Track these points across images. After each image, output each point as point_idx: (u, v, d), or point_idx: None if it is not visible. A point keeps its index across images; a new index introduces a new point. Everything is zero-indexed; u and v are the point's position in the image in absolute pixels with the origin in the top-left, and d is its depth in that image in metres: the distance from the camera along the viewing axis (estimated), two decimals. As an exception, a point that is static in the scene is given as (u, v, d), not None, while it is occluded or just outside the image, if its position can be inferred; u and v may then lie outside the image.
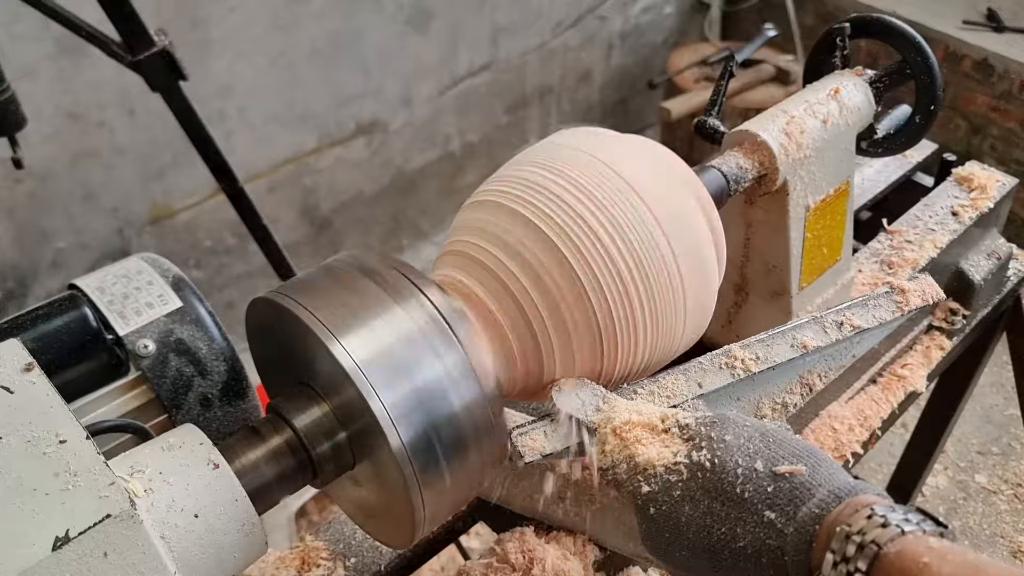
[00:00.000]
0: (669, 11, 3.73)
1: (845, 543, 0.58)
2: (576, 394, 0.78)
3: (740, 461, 0.65)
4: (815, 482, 0.63)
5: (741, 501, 0.64)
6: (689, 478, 0.67)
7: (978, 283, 1.47)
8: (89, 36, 1.50)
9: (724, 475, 0.65)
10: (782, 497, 0.63)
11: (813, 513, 0.61)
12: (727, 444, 0.67)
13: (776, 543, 0.62)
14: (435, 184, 3.27)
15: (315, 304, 0.68)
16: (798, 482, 0.63)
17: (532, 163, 0.81)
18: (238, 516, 0.65)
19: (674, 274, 0.79)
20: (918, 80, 1.11)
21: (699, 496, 0.66)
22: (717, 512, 0.65)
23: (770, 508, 0.63)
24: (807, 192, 1.08)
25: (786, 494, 0.63)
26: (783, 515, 0.62)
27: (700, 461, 0.67)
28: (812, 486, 0.63)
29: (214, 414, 0.86)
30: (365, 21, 2.70)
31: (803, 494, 0.62)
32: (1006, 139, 3.13)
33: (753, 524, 0.63)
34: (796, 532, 0.61)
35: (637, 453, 0.71)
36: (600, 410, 0.77)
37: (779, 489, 0.63)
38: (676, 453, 0.69)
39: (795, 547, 0.61)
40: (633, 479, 0.70)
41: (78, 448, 0.58)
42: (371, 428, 0.66)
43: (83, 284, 0.87)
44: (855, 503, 0.61)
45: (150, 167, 2.44)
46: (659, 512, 0.67)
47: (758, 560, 0.63)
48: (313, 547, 1.04)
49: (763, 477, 0.64)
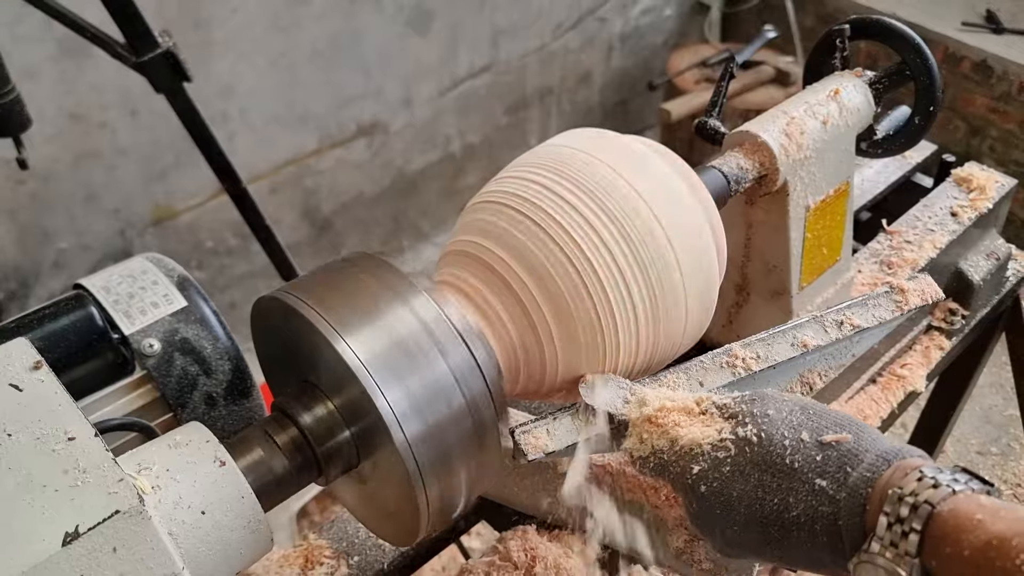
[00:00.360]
0: (669, 13, 3.73)
1: (898, 505, 0.59)
2: (604, 389, 0.79)
3: (786, 433, 0.67)
4: (861, 448, 0.64)
5: (792, 471, 0.65)
6: (737, 454, 0.68)
7: (977, 283, 1.47)
8: (94, 38, 1.51)
9: (772, 447, 0.67)
10: (831, 464, 0.64)
11: (864, 477, 0.62)
12: (771, 418, 0.69)
13: (829, 509, 0.63)
14: (436, 185, 3.28)
15: (320, 303, 0.69)
16: (845, 449, 0.65)
17: (535, 165, 0.82)
18: (244, 513, 0.65)
19: (675, 274, 0.80)
20: (917, 81, 1.12)
21: (749, 470, 0.67)
22: (768, 484, 0.66)
23: (820, 476, 0.64)
24: (807, 192, 1.09)
25: (835, 461, 0.64)
26: (834, 482, 0.63)
27: (747, 436, 0.68)
28: (859, 452, 0.64)
29: (219, 413, 0.87)
30: (365, 22, 2.70)
31: (851, 460, 0.64)
32: (1005, 140, 3.14)
33: (805, 493, 0.64)
34: (848, 497, 0.62)
35: (679, 436, 0.72)
36: (628, 402, 0.78)
37: (827, 457, 0.65)
38: (720, 431, 0.70)
39: (848, 511, 0.62)
40: (680, 461, 0.71)
41: (87, 445, 0.59)
42: (376, 426, 0.66)
43: (89, 284, 0.87)
44: (904, 466, 0.62)
45: (152, 168, 2.44)
46: (710, 489, 0.68)
47: (811, 528, 0.64)
48: (316, 545, 1.04)
49: (810, 447, 0.66)
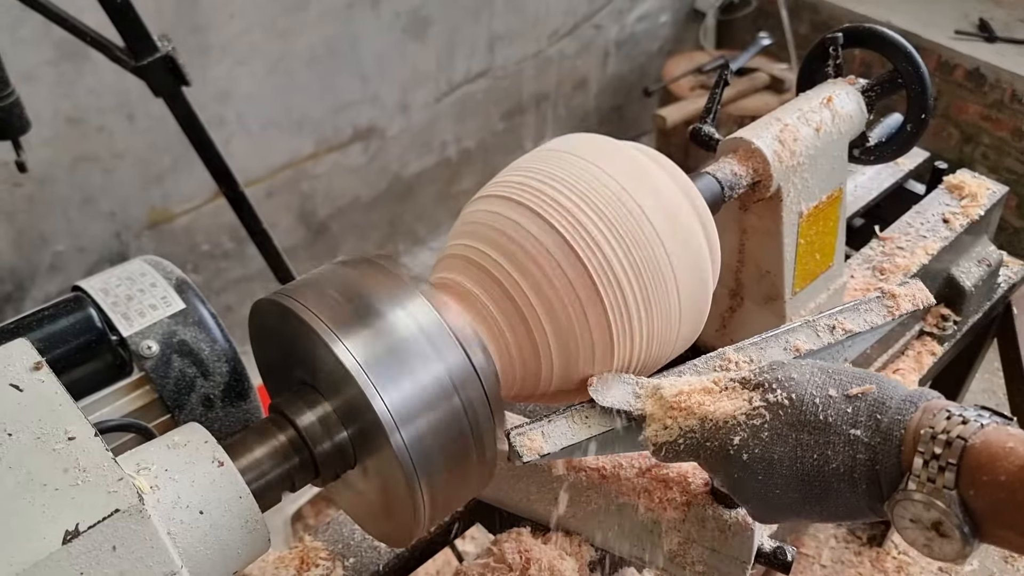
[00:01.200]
0: (664, 20, 3.75)
1: (932, 443, 0.62)
2: (614, 387, 0.81)
3: (814, 392, 0.70)
4: (886, 395, 0.68)
5: (827, 426, 0.68)
6: (772, 418, 0.70)
7: (968, 289, 1.48)
8: (93, 42, 1.52)
9: (804, 407, 0.69)
10: (862, 414, 0.67)
11: (895, 420, 0.66)
12: (796, 381, 0.71)
13: (866, 456, 0.66)
14: (432, 190, 3.28)
15: (318, 305, 0.69)
16: (872, 399, 0.68)
17: (529, 168, 0.83)
18: (242, 513, 0.66)
19: (670, 278, 0.81)
20: (909, 89, 1.13)
21: (786, 432, 0.70)
22: (806, 442, 0.68)
23: (854, 426, 0.67)
24: (800, 199, 1.10)
25: (865, 411, 0.67)
26: (867, 429, 0.67)
27: (779, 400, 0.71)
28: (885, 399, 0.68)
29: (216, 414, 0.88)
30: (362, 28, 2.71)
31: (880, 407, 0.67)
32: (998, 148, 3.16)
33: (843, 444, 0.67)
34: (884, 441, 0.66)
35: (709, 412, 0.74)
36: (639, 396, 0.80)
37: (857, 408, 0.68)
38: (751, 400, 0.73)
39: (885, 455, 0.65)
40: (717, 435, 0.73)
41: (87, 444, 0.59)
42: (373, 428, 0.67)
43: (87, 286, 0.88)
44: (931, 407, 0.66)
45: (149, 171, 2.45)
46: (752, 456, 0.71)
47: (851, 477, 0.67)
48: (312, 547, 1.05)
49: (839, 401, 0.69)
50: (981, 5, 3.36)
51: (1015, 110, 3.06)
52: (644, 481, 0.98)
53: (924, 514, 0.63)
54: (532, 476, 1.02)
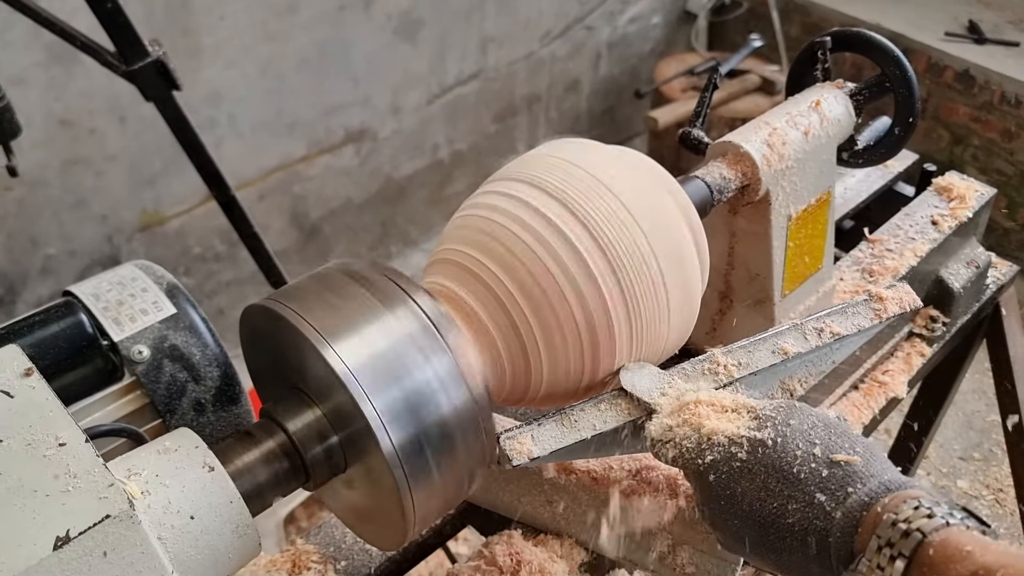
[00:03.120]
0: (656, 21, 3.76)
1: (890, 530, 0.61)
2: (644, 377, 0.82)
3: (800, 444, 0.69)
4: (868, 473, 0.66)
5: (795, 480, 0.67)
6: (750, 451, 0.71)
7: (957, 291, 1.49)
8: (84, 46, 1.52)
9: (783, 454, 0.69)
10: (834, 482, 0.66)
11: (862, 501, 0.64)
12: (791, 427, 0.71)
13: (823, 524, 0.65)
14: (424, 192, 3.29)
15: (308, 310, 0.70)
16: (851, 471, 0.66)
17: (518, 174, 0.83)
18: (233, 518, 0.66)
19: (658, 283, 0.82)
20: (897, 93, 1.14)
21: (757, 470, 0.69)
22: (771, 488, 0.68)
23: (821, 491, 0.66)
24: (789, 202, 1.11)
25: (838, 480, 0.66)
26: (833, 499, 0.65)
27: (763, 438, 0.71)
28: (864, 476, 0.66)
29: (207, 419, 0.88)
30: (354, 31, 2.72)
31: (854, 482, 0.66)
32: (987, 149, 3.18)
33: (803, 503, 0.66)
34: (843, 516, 0.64)
35: (703, 424, 0.75)
36: (666, 394, 0.81)
37: (832, 475, 0.67)
38: (740, 428, 0.73)
39: (841, 530, 0.64)
40: (696, 448, 0.74)
41: (77, 450, 0.59)
42: (363, 432, 0.67)
43: (78, 291, 0.88)
44: (902, 495, 0.64)
45: (140, 174, 2.44)
46: (718, 480, 0.71)
47: (804, 538, 0.66)
48: (304, 550, 1.05)
49: (820, 462, 0.68)
50: (970, 7, 3.38)
51: (1004, 111, 3.07)
52: (634, 484, 0.98)
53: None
54: (523, 479, 1.03)
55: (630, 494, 0.98)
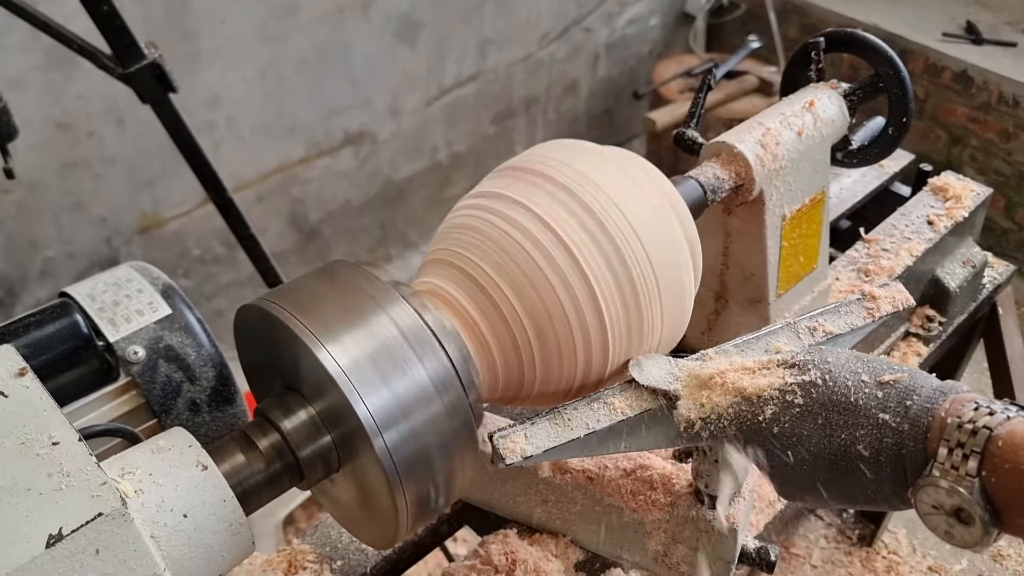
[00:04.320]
0: (654, 23, 3.76)
1: (958, 432, 0.65)
2: (653, 367, 0.83)
3: (847, 375, 0.72)
4: (917, 384, 0.70)
5: (856, 408, 0.70)
6: (804, 396, 0.73)
7: (953, 290, 1.50)
8: (80, 49, 1.52)
9: (836, 388, 0.72)
10: (892, 399, 0.69)
11: (924, 408, 0.68)
12: (831, 364, 0.74)
13: (893, 440, 0.68)
14: (423, 194, 3.29)
15: (302, 311, 0.70)
16: (902, 386, 0.70)
17: (512, 174, 0.84)
18: (226, 516, 0.67)
19: (651, 282, 0.82)
20: (890, 93, 1.14)
21: (816, 409, 0.72)
22: (835, 422, 0.71)
23: (883, 411, 0.69)
24: (783, 202, 1.11)
25: (895, 397, 0.69)
26: (896, 415, 0.68)
27: (812, 380, 0.73)
28: (916, 387, 0.69)
29: (202, 419, 0.88)
30: (353, 33, 2.72)
31: (910, 395, 0.69)
32: (985, 149, 3.18)
33: (870, 427, 0.69)
34: (911, 427, 0.67)
35: (746, 387, 0.76)
36: (678, 377, 0.82)
37: (888, 394, 0.70)
38: (784, 377, 0.75)
39: (912, 440, 0.67)
40: (751, 409, 0.75)
41: (71, 449, 0.60)
42: (356, 432, 0.68)
43: (74, 292, 0.88)
44: (960, 399, 0.68)
45: (139, 177, 2.45)
46: (782, 430, 0.73)
47: (876, 460, 0.69)
48: (300, 550, 1.05)
49: (871, 386, 0.71)
50: (968, 8, 3.38)
51: (1002, 112, 3.07)
52: (629, 482, 0.98)
53: (946, 500, 0.65)
54: (518, 478, 1.03)
55: (626, 493, 0.98)
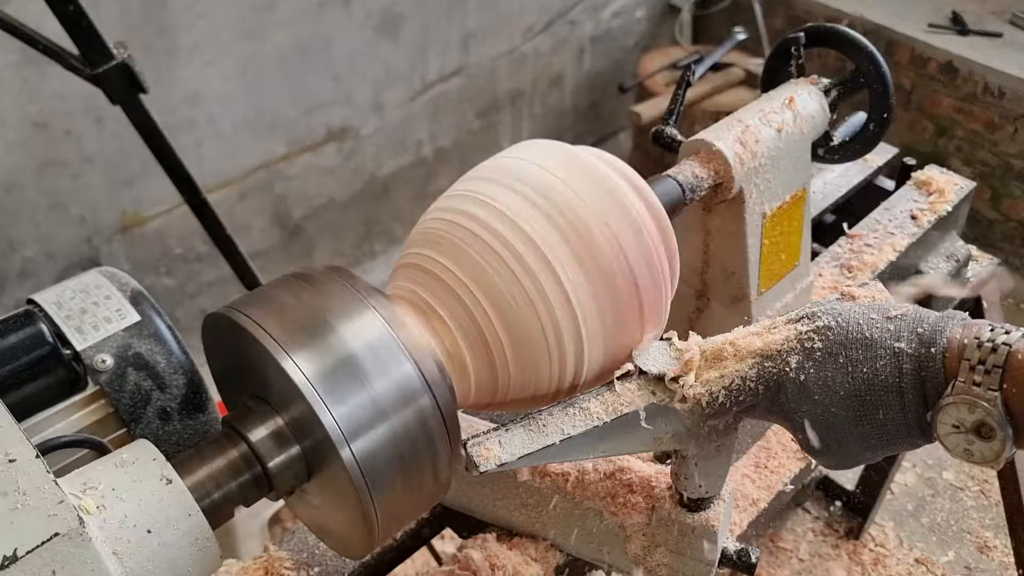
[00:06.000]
0: (640, 15, 3.75)
1: (978, 350, 0.68)
2: (653, 353, 0.84)
3: (857, 315, 0.76)
4: (922, 314, 0.74)
5: (872, 342, 0.73)
6: (822, 340, 0.75)
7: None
8: (47, 50, 1.50)
9: (849, 327, 0.75)
10: (905, 328, 0.73)
11: (936, 330, 0.71)
12: (839, 309, 0.77)
13: (911, 366, 0.71)
14: (408, 189, 3.27)
15: (267, 319, 0.69)
16: (910, 318, 0.73)
17: (483, 178, 0.83)
18: (191, 531, 0.65)
19: (626, 282, 0.81)
20: (871, 89, 1.13)
21: (836, 350, 0.74)
22: (855, 357, 0.73)
23: (897, 340, 0.72)
24: (763, 200, 1.10)
25: (906, 326, 0.73)
26: (910, 342, 0.72)
27: (827, 324, 0.76)
28: (923, 316, 0.73)
29: (173, 427, 0.86)
30: (334, 28, 2.69)
31: (919, 322, 0.73)
32: (971, 141, 3.18)
33: (889, 356, 0.72)
34: (927, 351, 0.71)
35: (761, 347, 0.78)
36: (676, 358, 0.82)
37: (899, 326, 0.73)
38: (798, 328, 0.77)
39: (929, 362, 0.70)
40: (775, 364, 0.77)
41: (27, 467, 0.58)
42: (323, 442, 0.66)
43: (41, 299, 0.87)
44: (971, 323, 0.72)
45: (119, 175, 2.42)
46: (808, 377, 0.75)
47: (899, 387, 0.72)
48: (277, 557, 1.04)
49: (881, 321, 0.74)
50: (953, -2, 3.39)
51: (988, 103, 3.07)
52: (608, 485, 0.97)
53: (968, 417, 0.68)
54: (497, 482, 1.02)
55: (606, 496, 0.97)
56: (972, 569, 2.28)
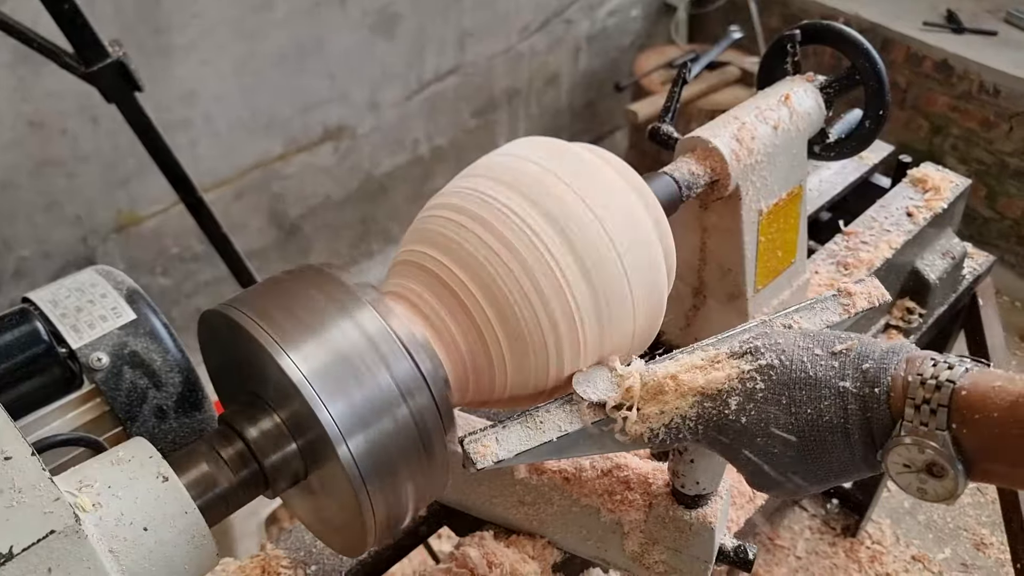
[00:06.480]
0: (635, 14, 3.75)
1: (921, 389, 0.66)
2: (596, 379, 0.81)
3: (801, 352, 0.73)
4: (868, 349, 0.71)
5: (816, 381, 0.71)
6: (764, 379, 0.73)
7: (933, 282, 1.49)
8: (41, 48, 1.49)
9: (792, 365, 0.73)
10: (848, 366, 0.71)
11: (880, 367, 0.69)
12: (782, 344, 0.75)
13: (857, 406, 0.69)
14: (404, 188, 3.27)
15: (264, 316, 0.68)
16: (855, 353, 0.71)
17: (480, 175, 0.82)
18: (188, 529, 0.65)
19: (622, 280, 0.80)
20: (867, 86, 1.13)
21: (779, 390, 0.72)
22: (799, 398, 0.71)
23: (842, 379, 0.70)
24: (759, 197, 1.10)
25: (851, 363, 0.71)
26: (855, 380, 0.70)
27: (769, 362, 0.74)
28: (868, 351, 0.71)
29: (169, 426, 0.86)
30: (330, 27, 2.69)
31: (864, 359, 0.70)
32: (967, 139, 3.18)
33: (833, 396, 0.70)
34: (870, 390, 0.69)
35: (702, 386, 0.76)
36: (618, 385, 0.80)
37: (843, 363, 0.71)
38: (741, 366, 0.75)
39: (874, 402, 0.68)
40: (715, 404, 0.75)
41: (23, 464, 0.58)
42: (320, 439, 0.66)
43: (36, 297, 0.86)
44: (915, 357, 0.69)
45: (114, 174, 2.42)
46: (749, 419, 0.73)
47: (844, 428, 0.70)
48: (274, 555, 1.04)
49: (825, 357, 0.72)
50: (948, -4, 3.39)
51: (983, 101, 3.08)
52: (606, 482, 0.97)
53: (918, 457, 0.66)
54: (494, 480, 1.02)
55: (603, 493, 0.97)
56: (968, 566, 2.29)
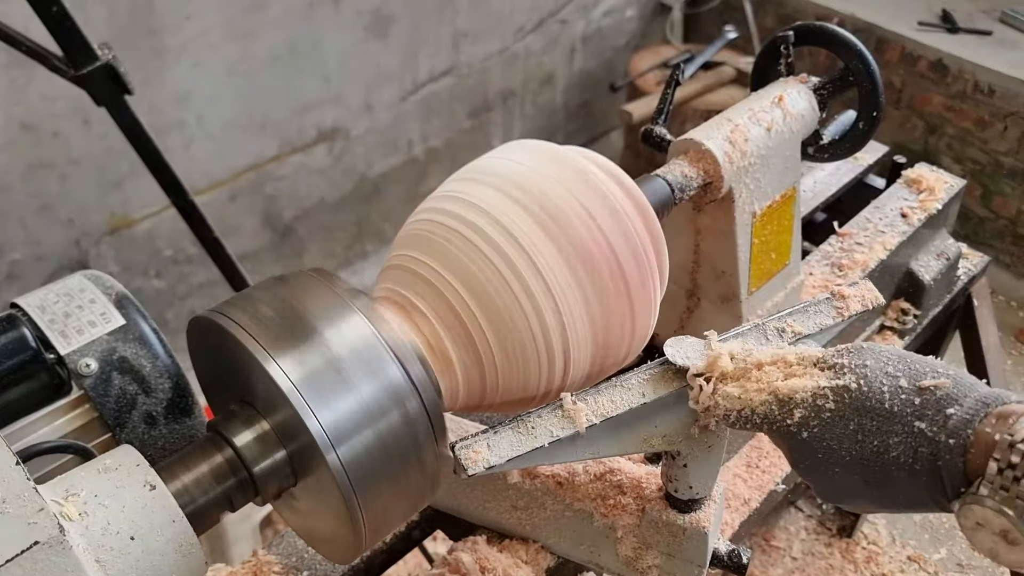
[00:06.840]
0: (631, 14, 3.74)
1: (1009, 451, 0.61)
2: (682, 345, 0.80)
3: (884, 380, 0.69)
4: (960, 392, 0.66)
5: (890, 415, 0.67)
6: (836, 400, 0.70)
7: (928, 283, 1.49)
8: (30, 51, 1.48)
9: (871, 393, 0.69)
10: (930, 407, 0.66)
11: (964, 419, 0.65)
12: (869, 367, 0.71)
13: (928, 450, 0.65)
14: (399, 190, 3.26)
15: (253, 323, 0.68)
16: (943, 393, 0.67)
17: (471, 178, 0.82)
18: (175, 537, 0.64)
19: (615, 283, 0.80)
20: (860, 87, 1.13)
21: (848, 415, 0.69)
22: (868, 428, 0.68)
23: (919, 419, 0.66)
24: (753, 199, 1.10)
25: (934, 404, 0.66)
26: (933, 423, 0.66)
27: (846, 384, 0.70)
28: (958, 396, 0.66)
29: (159, 432, 0.86)
30: (324, 28, 2.68)
31: (951, 403, 0.66)
32: (961, 138, 3.18)
33: (904, 435, 0.66)
34: (948, 439, 0.65)
35: (777, 388, 0.74)
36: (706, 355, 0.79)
37: (926, 401, 0.67)
38: (819, 380, 0.72)
39: (950, 452, 0.64)
40: (781, 410, 0.73)
41: (7, 474, 0.57)
42: (309, 447, 0.66)
43: (24, 303, 0.86)
44: (1006, 412, 0.64)
45: (107, 177, 2.41)
46: (811, 435, 0.71)
47: (911, 468, 0.66)
48: (265, 561, 1.03)
49: (909, 392, 0.68)
50: (943, -4, 3.39)
51: (978, 100, 3.08)
52: (599, 487, 0.97)
53: (994, 520, 0.62)
54: (487, 484, 1.01)
55: (596, 498, 0.97)
56: (964, 566, 2.29)
